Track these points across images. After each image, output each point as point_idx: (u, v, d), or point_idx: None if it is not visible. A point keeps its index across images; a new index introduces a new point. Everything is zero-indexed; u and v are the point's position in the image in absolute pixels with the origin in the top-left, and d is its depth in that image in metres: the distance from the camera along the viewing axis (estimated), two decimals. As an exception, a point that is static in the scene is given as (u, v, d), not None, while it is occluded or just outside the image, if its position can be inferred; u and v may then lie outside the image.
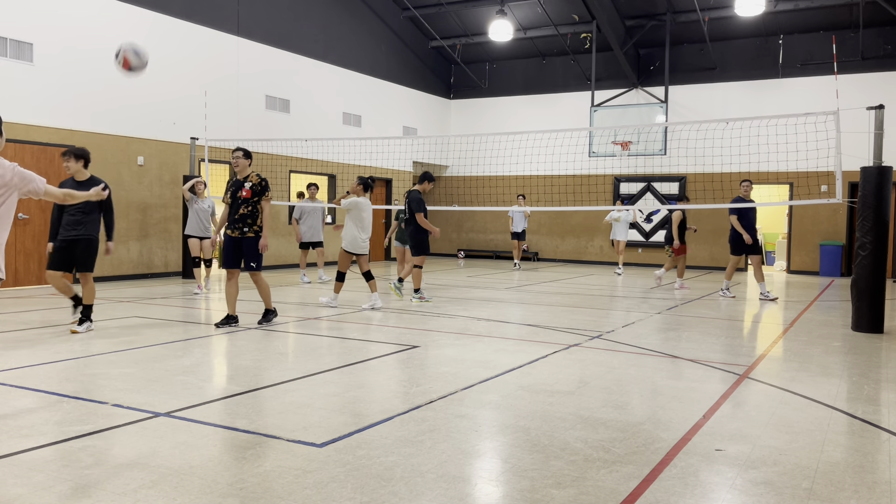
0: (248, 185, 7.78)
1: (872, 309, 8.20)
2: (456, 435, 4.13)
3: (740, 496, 3.32)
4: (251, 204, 7.79)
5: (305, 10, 16.75)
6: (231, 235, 7.86)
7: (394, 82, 19.70)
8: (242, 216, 7.80)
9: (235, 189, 7.85)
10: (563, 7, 18.31)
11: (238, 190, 7.82)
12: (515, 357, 6.45)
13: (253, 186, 7.79)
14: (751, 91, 17.89)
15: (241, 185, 7.82)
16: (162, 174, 13.53)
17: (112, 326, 7.81)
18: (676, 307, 10.41)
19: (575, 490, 3.34)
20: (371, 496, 3.22)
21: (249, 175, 7.86)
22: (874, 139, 8.38)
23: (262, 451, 3.80)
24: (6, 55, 11.16)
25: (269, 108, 15.86)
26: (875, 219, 8.17)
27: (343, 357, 6.33)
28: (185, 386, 5.22)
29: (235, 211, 7.82)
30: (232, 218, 7.85)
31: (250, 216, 7.81)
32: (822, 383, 5.61)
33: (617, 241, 16.34)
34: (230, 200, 7.89)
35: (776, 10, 16.43)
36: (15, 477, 3.39)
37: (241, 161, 7.89)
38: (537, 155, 17.63)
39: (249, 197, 7.78)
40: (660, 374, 5.83)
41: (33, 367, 5.72)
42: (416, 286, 10.44)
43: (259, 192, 7.81)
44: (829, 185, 16.24)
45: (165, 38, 13.52)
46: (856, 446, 4.09)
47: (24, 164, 11.43)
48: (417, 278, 10.43)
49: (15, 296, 10.47)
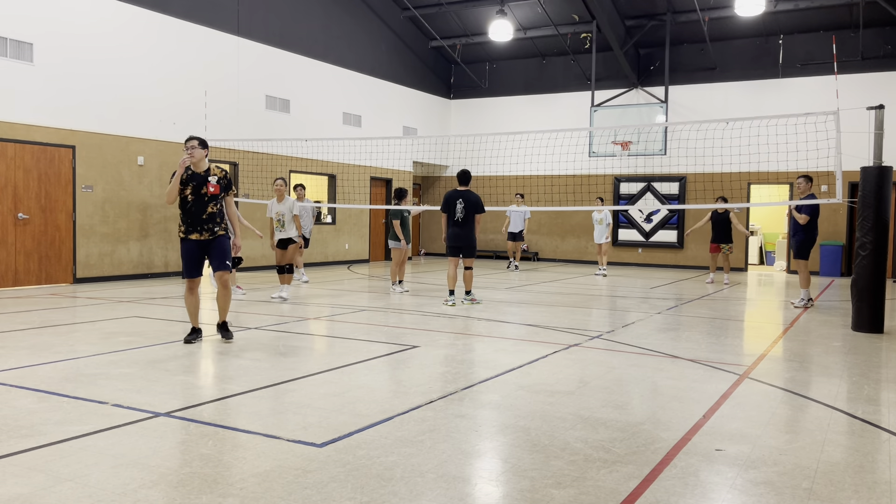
0: (214, 179, 6.80)
1: (872, 309, 8.20)
2: (456, 435, 4.13)
3: (740, 496, 3.32)
4: (219, 201, 6.89)
5: (305, 10, 16.75)
6: (198, 239, 6.80)
7: (394, 82, 19.70)
8: (212, 215, 6.82)
9: (198, 184, 6.75)
10: (563, 7, 18.31)
11: (202, 185, 6.75)
12: (515, 357, 6.45)
13: (220, 181, 6.85)
14: (751, 91, 17.89)
15: (205, 180, 6.77)
16: (162, 174, 13.53)
17: (112, 326, 7.81)
18: (676, 307, 10.41)
19: (575, 490, 3.34)
20: (371, 496, 3.22)
21: (210, 168, 6.87)
22: (874, 139, 8.38)
23: (262, 451, 3.80)
24: (6, 55, 11.16)
25: (269, 108, 15.86)
26: (875, 219, 8.17)
27: (343, 357, 6.33)
28: (185, 386, 5.22)
29: (202, 210, 6.77)
30: (198, 218, 6.76)
31: (219, 214, 6.89)
32: (822, 383, 5.61)
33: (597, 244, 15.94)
34: (192, 198, 6.74)
35: (776, 10, 16.43)
36: (15, 477, 3.39)
37: (199, 151, 6.78)
38: (537, 155, 17.64)
39: (218, 193, 6.84)
40: (660, 374, 5.83)
41: (33, 367, 5.72)
42: (470, 287, 10.42)
43: (226, 186, 6.92)
44: (829, 185, 16.24)
45: (165, 38, 13.52)
46: (856, 446, 4.09)
47: (23, 164, 11.44)
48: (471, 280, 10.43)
49: (15, 296, 10.47)
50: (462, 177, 10.33)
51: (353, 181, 18.21)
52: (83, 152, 12.25)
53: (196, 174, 6.78)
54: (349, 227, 18.35)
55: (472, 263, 10.42)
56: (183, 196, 6.73)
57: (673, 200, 18.72)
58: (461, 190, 10.28)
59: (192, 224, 6.77)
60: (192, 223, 6.77)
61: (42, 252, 11.72)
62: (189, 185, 6.72)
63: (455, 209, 10.19)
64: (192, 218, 6.76)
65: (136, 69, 13.04)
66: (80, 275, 12.24)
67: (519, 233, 17.04)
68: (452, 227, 10.26)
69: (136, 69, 13.03)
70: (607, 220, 15.74)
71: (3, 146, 11.17)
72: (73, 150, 12.11)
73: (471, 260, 10.41)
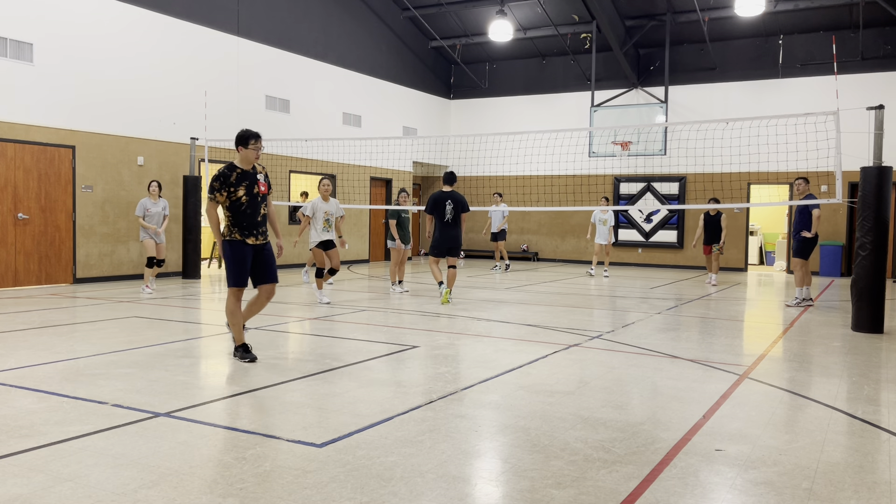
0: (262, 177, 6.22)
1: (872, 309, 8.20)
2: (456, 435, 4.13)
3: (740, 496, 3.32)
4: (267, 201, 6.30)
5: (305, 10, 16.75)
6: (254, 244, 6.13)
7: (394, 82, 19.70)
8: (264, 217, 6.23)
9: (251, 184, 6.11)
10: (563, 7, 18.31)
11: (254, 185, 6.12)
12: (515, 357, 6.45)
13: (267, 178, 6.30)
14: (751, 91, 17.89)
15: (256, 179, 6.15)
16: (162, 174, 13.52)
17: (112, 326, 7.81)
18: (676, 307, 10.41)
19: (575, 490, 3.34)
20: (371, 496, 3.22)
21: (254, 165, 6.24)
22: (874, 139, 8.38)
23: (262, 451, 3.80)
24: (6, 55, 11.16)
25: (269, 108, 15.86)
26: (875, 219, 8.17)
27: (343, 357, 6.33)
28: (185, 386, 5.22)
29: (257, 211, 6.13)
30: (254, 220, 6.10)
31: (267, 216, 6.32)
32: (822, 383, 5.61)
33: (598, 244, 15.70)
34: (246, 199, 6.07)
35: (776, 10, 16.43)
36: (15, 477, 3.39)
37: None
38: (537, 155, 17.64)
39: (266, 192, 6.25)
40: (660, 374, 5.83)
41: (33, 367, 5.72)
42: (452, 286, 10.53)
43: (269, 184, 6.35)
44: (829, 185, 16.24)
45: (165, 38, 13.52)
46: (856, 446, 4.09)
47: (23, 164, 11.44)
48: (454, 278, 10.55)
49: (15, 296, 10.47)
50: (448, 178, 10.55)
51: (353, 181, 18.21)
52: (83, 152, 12.25)
53: (246, 172, 6.12)
54: (349, 227, 18.34)
55: (456, 262, 10.66)
56: (236, 198, 6.02)
57: (673, 200, 18.73)
58: (447, 191, 10.50)
59: (249, 227, 6.08)
60: (249, 226, 6.08)
61: (42, 252, 11.72)
62: (241, 185, 6.04)
63: (445, 210, 10.39)
64: (249, 221, 6.08)
65: (136, 69, 13.04)
66: (79, 275, 12.24)
67: (500, 232, 16.58)
68: (443, 228, 10.44)
69: (136, 69, 13.03)
70: (611, 220, 15.64)
71: (3, 146, 11.17)
72: (73, 150, 12.10)
73: (455, 259, 10.62)
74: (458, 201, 10.43)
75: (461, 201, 10.46)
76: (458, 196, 10.47)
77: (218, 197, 6.03)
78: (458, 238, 10.54)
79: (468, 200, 20.40)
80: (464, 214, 10.51)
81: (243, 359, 6.12)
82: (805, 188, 10.60)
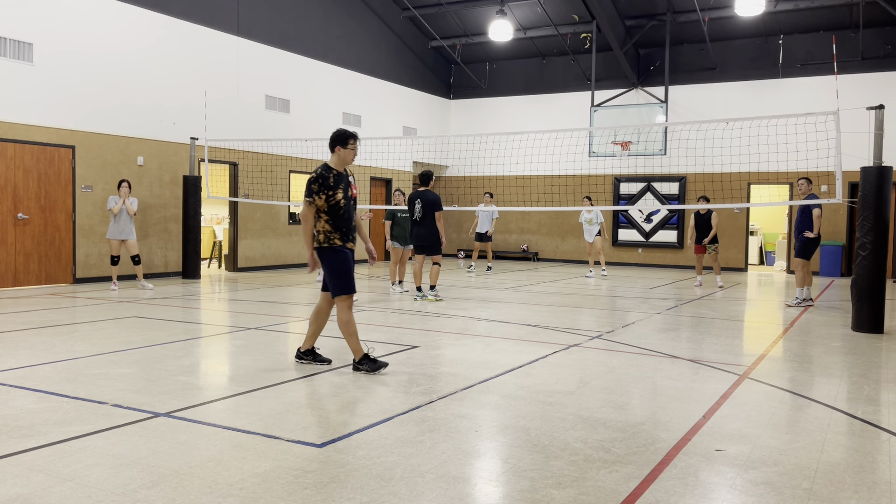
0: (352, 179, 5.92)
1: (872, 309, 8.20)
2: (456, 435, 4.13)
3: (740, 496, 3.32)
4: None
5: (305, 11, 16.75)
6: (352, 249, 5.87)
7: (394, 82, 19.70)
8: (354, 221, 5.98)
9: (346, 186, 5.78)
10: (563, 7, 18.31)
11: (348, 187, 5.81)
12: (515, 357, 6.45)
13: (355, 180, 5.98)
14: (751, 91, 17.88)
15: (350, 181, 5.86)
16: (162, 174, 13.52)
17: (112, 326, 7.81)
18: (676, 307, 10.41)
19: (575, 490, 3.34)
20: (371, 496, 3.22)
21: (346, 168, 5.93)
22: (874, 139, 8.38)
23: (262, 451, 3.80)
24: (6, 55, 11.16)
25: (269, 108, 15.85)
26: (875, 219, 8.17)
27: (343, 357, 6.33)
28: (185, 386, 5.22)
29: (352, 215, 5.85)
30: (351, 224, 5.82)
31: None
32: (822, 383, 5.61)
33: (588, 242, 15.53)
34: (344, 202, 5.73)
35: (776, 10, 16.42)
36: (15, 477, 3.39)
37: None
38: (537, 155, 17.63)
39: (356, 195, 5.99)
40: (660, 374, 5.83)
41: (33, 367, 5.72)
42: (435, 282, 10.72)
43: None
44: (829, 186, 16.24)
45: (165, 38, 13.52)
46: (856, 446, 4.09)
47: (23, 164, 11.44)
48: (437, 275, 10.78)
49: (15, 296, 10.46)
50: (423, 177, 10.77)
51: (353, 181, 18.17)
52: (83, 152, 12.25)
53: (341, 175, 5.78)
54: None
55: (439, 259, 10.84)
56: (335, 202, 5.67)
57: (673, 200, 18.72)
58: (420, 190, 10.76)
59: (348, 232, 5.77)
60: (348, 231, 5.78)
61: (42, 252, 11.71)
62: (338, 188, 5.69)
63: (414, 209, 10.65)
64: (347, 225, 5.78)
65: (136, 69, 13.04)
66: (79, 275, 12.24)
67: (486, 233, 16.17)
68: (414, 226, 10.76)
69: (136, 69, 13.02)
70: (598, 218, 15.23)
71: (3, 146, 11.17)
72: (73, 150, 12.10)
73: (438, 256, 10.79)
74: (429, 200, 10.57)
75: (432, 200, 10.58)
76: (429, 195, 10.61)
77: (317, 200, 5.63)
78: (429, 236, 10.63)
79: (468, 200, 20.51)
80: (437, 213, 10.57)
81: (376, 370, 5.69)
82: (807, 188, 10.62)
